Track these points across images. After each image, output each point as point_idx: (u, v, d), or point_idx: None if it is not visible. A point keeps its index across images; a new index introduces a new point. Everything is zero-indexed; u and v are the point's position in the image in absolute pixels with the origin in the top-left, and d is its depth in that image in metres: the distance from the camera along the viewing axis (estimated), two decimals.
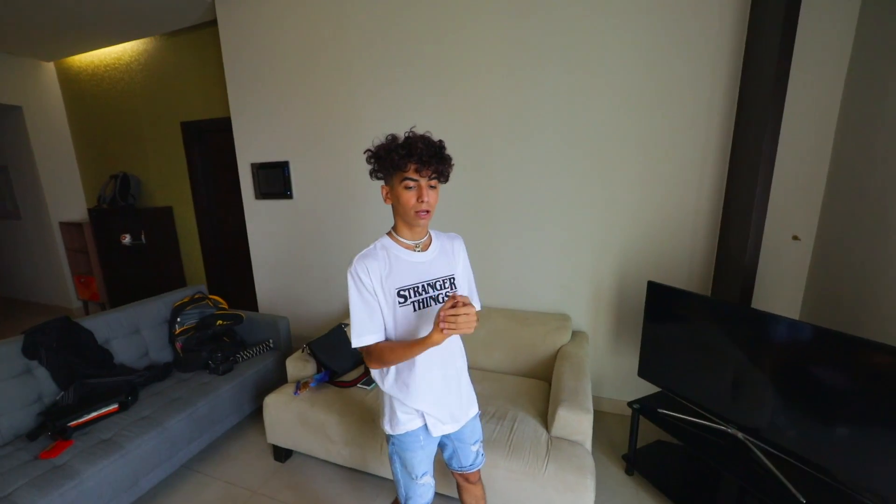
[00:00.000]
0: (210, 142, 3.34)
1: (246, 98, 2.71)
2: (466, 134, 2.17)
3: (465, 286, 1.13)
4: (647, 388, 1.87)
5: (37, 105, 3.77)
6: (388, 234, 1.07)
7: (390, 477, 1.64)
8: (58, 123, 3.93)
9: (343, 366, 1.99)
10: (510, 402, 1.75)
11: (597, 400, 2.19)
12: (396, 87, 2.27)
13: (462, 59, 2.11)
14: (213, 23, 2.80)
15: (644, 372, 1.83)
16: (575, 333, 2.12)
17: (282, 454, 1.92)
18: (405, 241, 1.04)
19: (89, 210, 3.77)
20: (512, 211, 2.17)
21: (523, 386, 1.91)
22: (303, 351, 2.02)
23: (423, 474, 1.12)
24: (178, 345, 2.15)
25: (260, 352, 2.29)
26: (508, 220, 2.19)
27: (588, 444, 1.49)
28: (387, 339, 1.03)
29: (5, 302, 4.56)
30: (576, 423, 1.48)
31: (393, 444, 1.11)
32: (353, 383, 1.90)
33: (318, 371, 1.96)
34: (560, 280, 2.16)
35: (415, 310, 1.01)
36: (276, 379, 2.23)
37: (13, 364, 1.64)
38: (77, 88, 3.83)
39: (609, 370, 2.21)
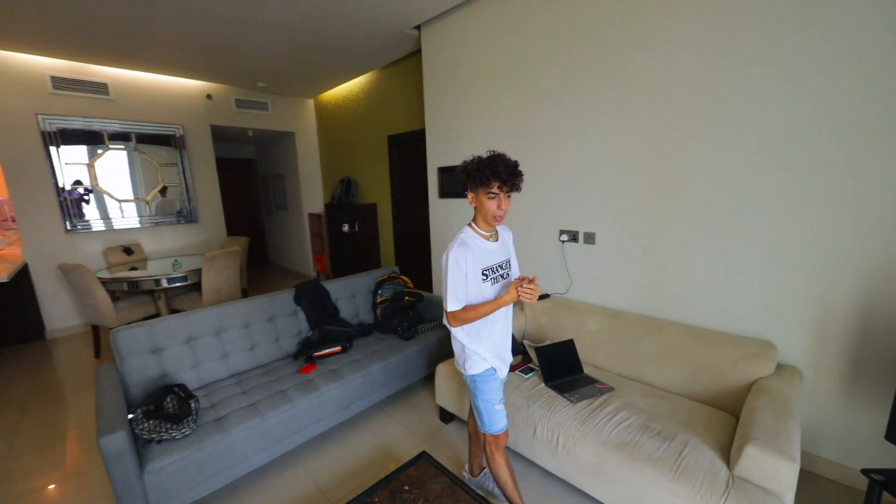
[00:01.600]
0: (405, 151, 4.06)
1: (438, 112, 3.19)
2: (645, 129, 2.02)
3: (515, 266, 1.52)
4: (892, 458, 1.39)
5: (302, 130, 5.32)
6: (469, 225, 1.41)
7: (538, 462, 1.72)
8: (312, 143, 5.46)
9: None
10: (681, 425, 1.58)
11: (808, 456, 1.74)
12: (574, 88, 2.30)
13: (648, 54, 1.98)
14: (417, 52, 3.40)
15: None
16: (781, 367, 1.73)
17: (446, 416, 2.24)
18: (483, 232, 1.39)
19: (325, 205, 5.10)
20: (700, 209, 1.91)
21: (699, 413, 1.68)
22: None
23: (499, 401, 1.45)
24: (378, 311, 2.74)
25: (434, 327, 2.69)
26: (694, 220, 1.93)
27: (787, 500, 1.23)
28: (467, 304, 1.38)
29: (277, 268, 6.62)
30: (772, 468, 1.24)
31: (474, 381, 1.44)
32: (512, 369, 2.05)
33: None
34: (764, 299, 1.79)
35: (492, 284, 1.39)
36: (446, 351, 2.59)
37: (287, 307, 2.43)
38: (325, 116, 5.22)
39: (832, 424, 1.71)
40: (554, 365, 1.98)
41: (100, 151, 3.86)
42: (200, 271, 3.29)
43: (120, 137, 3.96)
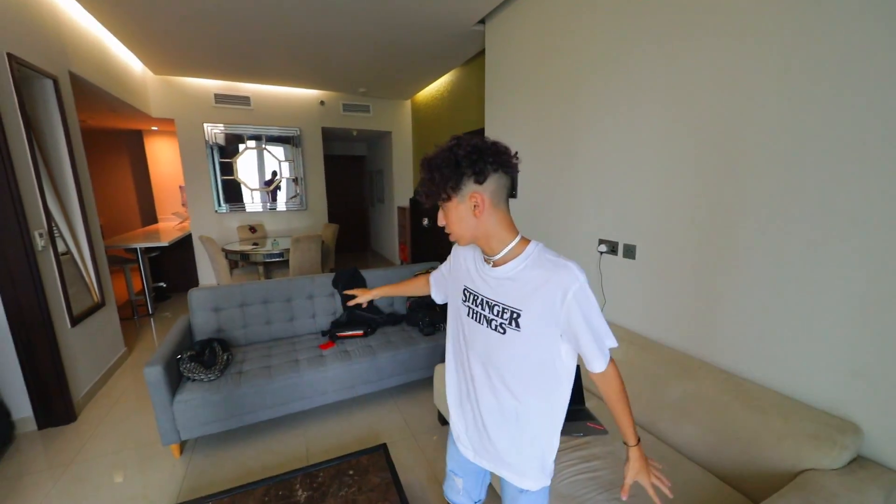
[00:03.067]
0: None
1: (496, 110, 3.08)
2: (704, 124, 1.58)
3: (550, 335, 0.87)
4: None
5: (398, 129, 5.76)
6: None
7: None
8: (406, 141, 5.86)
9: None
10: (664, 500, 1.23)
11: None
12: (620, 75, 1.94)
13: (711, 36, 1.54)
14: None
15: None
16: (861, 461, 1.18)
17: (443, 419, 2.20)
18: (484, 252, 0.95)
19: (410, 200, 5.43)
20: (768, 227, 1.42)
21: (703, 490, 1.29)
22: None
23: (450, 470, 1.16)
24: (408, 303, 2.84)
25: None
26: (760, 240, 1.44)
27: None
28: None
29: (375, 254, 7.37)
30: None
31: None
32: None
33: None
34: (851, 358, 1.24)
35: (466, 314, 0.98)
36: None
37: (326, 288, 2.72)
38: (419, 115, 5.54)
39: None
40: None
41: (240, 150, 4.93)
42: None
43: (254, 139, 4.97)
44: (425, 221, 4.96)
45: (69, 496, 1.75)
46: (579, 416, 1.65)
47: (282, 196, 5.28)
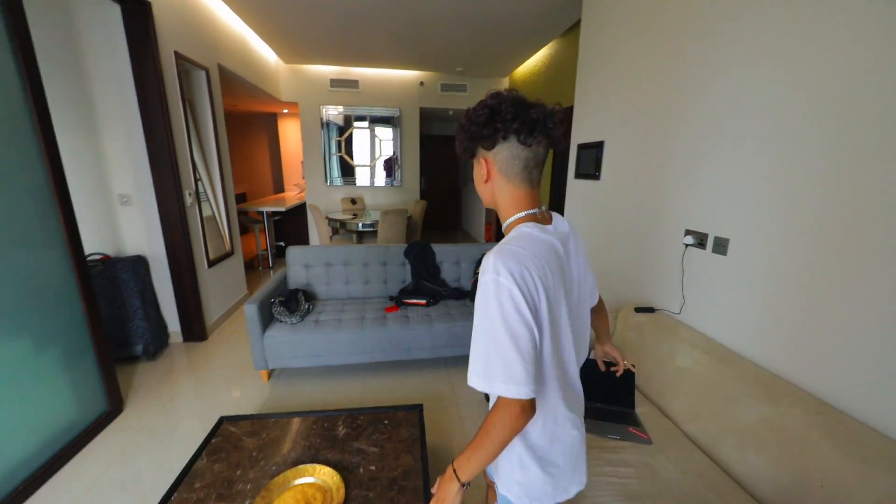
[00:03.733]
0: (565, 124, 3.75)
1: (588, 83, 2.82)
2: (825, 90, 1.22)
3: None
4: None
5: None
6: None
7: None
8: None
9: None
10: None
11: None
12: (724, 30, 1.59)
13: None
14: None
15: None
16: None
17: (488, 396, 2.22)
18: None
19: None
20: None
21: None
22: None
23: None
24: (472, 279, 2.87)
25: None
26: (892, 258, 1.09)
27: None
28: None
29: (464, 233, 7.53)
30: None
31: None
32: None
33: None
34: None
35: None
36: None
37: (399, 258, 2.91)
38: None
39: None
40: (595, 385, 1.63)
41: (348, 130, 5.46)
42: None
43: (360, 119, 5.45)
44: None
45: (195, 390, 2.30)
46: (623, 418, 1.51)
47: (381, 172, 5.73)
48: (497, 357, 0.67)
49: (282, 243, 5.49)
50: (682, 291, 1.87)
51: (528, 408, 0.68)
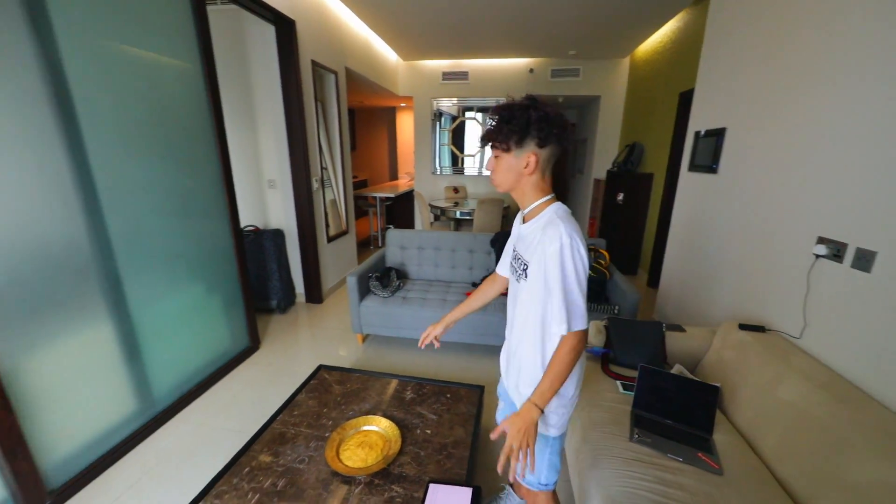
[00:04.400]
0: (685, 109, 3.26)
1: (713, 60, 2.42)
2: None
3: (541, 289, 0.93)
4: None
5: (609, 93, 5.24)
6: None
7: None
8: (617, 105, 5.26)
9: (624, 357, 1.81)
10: None
11: None
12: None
13: None
14: None
15: None
16: None
17: None
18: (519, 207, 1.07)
19: (607, 172, 4.97)
20: None
21: None
22: (603, 323, 2.01)
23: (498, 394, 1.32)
24: None
25: (607, 311, 2.45)
26: None
27: None
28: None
29: None
30: None
31: None
32: (616, 376, 1.73)
33: (605, 346, 1.92)
34: None
35: (509, 268, 1.11)
36: None
37: (486, 247, 3.00)
38: (636, 74, 4.84)
39: None
40: (664, 400, 1.50)
41: (455, 121, 5.69)
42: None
43: (467, 110, 5.61)
44: (620, 197, 4.48)
45: (308, 341, 2.85)
46: (694, 442, 1.36)
47: (480, 163, 5.84)
48: (573, 302, 0.89)
49: (391, 226, 6.09)
50: (803, 311, 1.54)
51: (585, 336, 0.94)
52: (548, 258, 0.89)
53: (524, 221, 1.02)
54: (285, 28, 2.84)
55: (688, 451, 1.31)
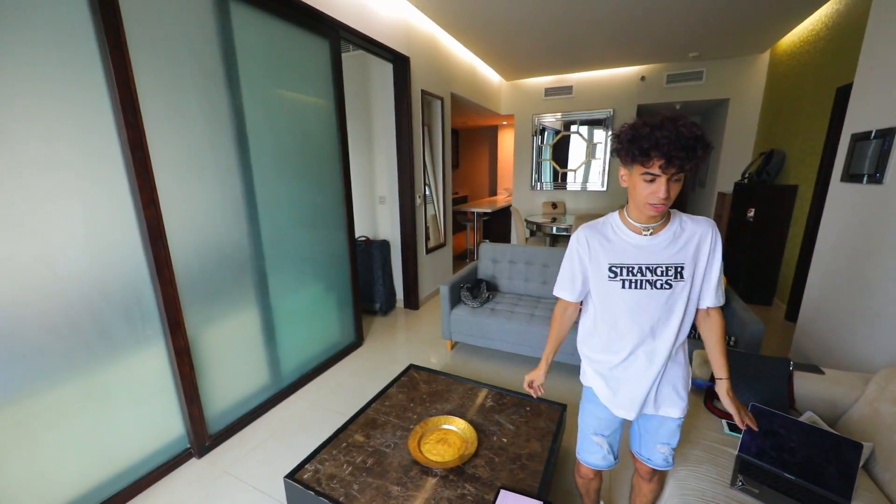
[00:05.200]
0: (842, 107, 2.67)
1: (880, 47, 1.98)
2: None
3: (700, 280, 1.04)
4: None
5: (739, 95, 4.59)
6: (620, 211, 1.09)
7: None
8: (751, 108, 4.56)
9: (738, 396, 1.56)
10: None
11: None
12: None
13: None
14: None
15: None
16: None
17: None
18: (634, 223, 1.04)
19: (735, 184, 4.30)
20: None
21: None
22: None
23: (593, 432, 1.24)
24: None
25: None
26: None
27: None
28: (582, 306, 1.23)
29: None
30: None
31: (584, 391, 1.27)
32: (721, 415, 1.52)
33: (711, 379, 1.69)
34: None
35: (623, 287, 1.05)
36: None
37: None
38: (777, 71, 4.15)
39: None
40: (782, 449, 1.27)
41: (556, 135, 5.61)
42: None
43: (569, 124, 5.49)
44: (751, 213, 3.85)
45: (403, 342, 3.12)
46: (817, 503, 1.12)
47: (581, 177, 5.61)
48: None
49: (487, 240, 6.23)
50: None
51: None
52: (715, 245, 1.02)
53: (651, 233, 1.02)
54: (401, 64, 3.25)
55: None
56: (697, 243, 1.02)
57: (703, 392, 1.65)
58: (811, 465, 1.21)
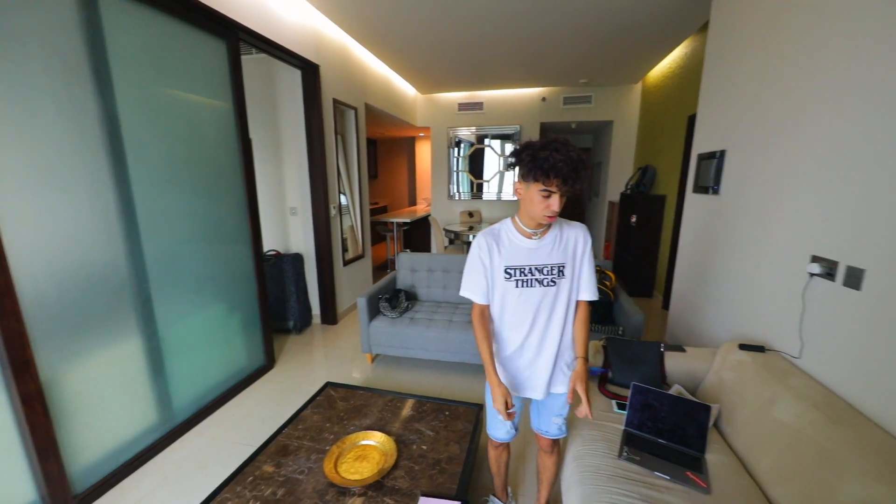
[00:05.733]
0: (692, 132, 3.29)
1: (713, 85, 2.48)
2: None
3: (577, 276, 1.22)
4: None
5: (621, 118, 5.32)
6: (513, 218, 1.22)
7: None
8: (629, 130, 5.32)
9: (621, 377, 1.80)
10: None
11: None
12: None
13: None
14: None
15: None
16: None
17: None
18: (525, 229, 1.18)
19: (621, 195, 4.97)
20: None
21: None
22: (602, 343, 2.02)
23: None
24: None
25: (611, 332, 2.44)
26: None
27: None
28: (490, 314, 1.27)
29: None
30: None
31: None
32: (612, 396, 1.72)
33: (603, 366, 1.92)
34: None
35: (517, 286, 1.19)
36: None
37: None
38: (648, 99, 4.92)
39: None
40: (656, 419, 1.49)
41: (471, 148, 5.90)
42: None
43: (482, 138, 5.83)
44: (633, 219, 4.46)
45: (321, 360, 2.96)
46: (685, 461, 1.34)
47: (495, 188, 5.98)
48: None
49: (407, 250, 6.26)
50: (800, 331, 1.52)
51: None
52: (586, 246, 1.21)
53: (539, 237, 1.18)
54: (310, 72, 3.14)
55: (677, 469, 1.30)
56: (574, 245, 1.20)
57: (597, 378, 1.86)
58: (677, 429, 1.44)
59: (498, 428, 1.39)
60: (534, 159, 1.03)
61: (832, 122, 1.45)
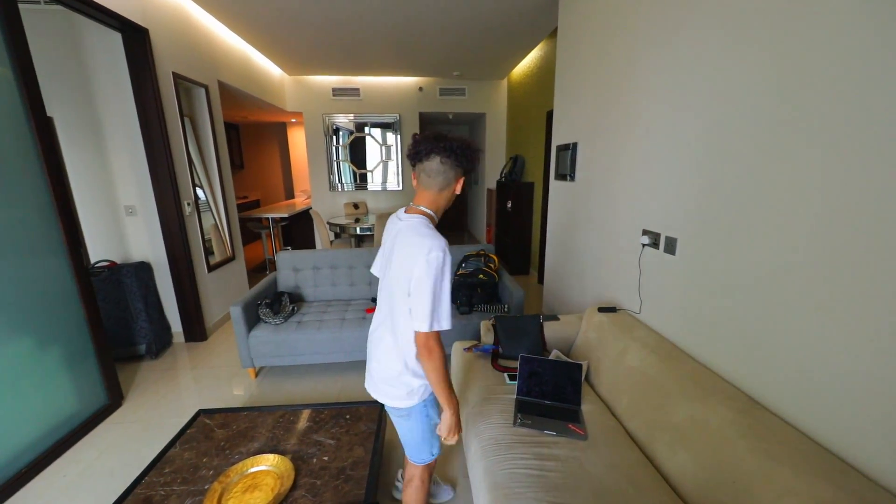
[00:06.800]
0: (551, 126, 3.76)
1: (564, 86, 2.84)
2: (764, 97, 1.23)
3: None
4: None
5: (492, 111, 5.73)
6: (430, 217, 1.12)
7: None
8: (501, 121, 5.78)
9: (510, 351, 1.97)
10: None
11: None
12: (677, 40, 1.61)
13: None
14: None
15: None
16: None
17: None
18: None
19: (497, 182, 5.40)
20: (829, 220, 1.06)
21: None
22: (491, 322, 2.18)
23: None
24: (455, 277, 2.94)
25: (497, 311, 2.64)
26: (819, 236, 1.09)
27: None
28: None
29: (469, 234, 7.58)
30: None
31: (426, 406, 1.21)
32: (503, 369, 1.88)
33: (494, 343, 2.07)
34: None
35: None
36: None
37: None
38: (513, 94, 5.39)
39: None
40: (541, 383, 1.67)
41: (350, 136, 5.64)
42: None
43: (362, 126, 5.61)
44: (509, 205, 4.89)
45: (190, 386, 2.49)
46: (568, 415, 1.54)
47: (379, 178, 5.88)
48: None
49: (288, 248, 5.72)
50: (639, 291, 1.88)
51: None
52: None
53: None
54: (136, 37, 2.53)
55: (560, 424, 1.48)
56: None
57: (489, 355, 1.99)
58: (558, 388, 1.64)
59: (436, 445, 1.28)
60: (473, 151, 1.09)
61: (649, 120, 1.79)
